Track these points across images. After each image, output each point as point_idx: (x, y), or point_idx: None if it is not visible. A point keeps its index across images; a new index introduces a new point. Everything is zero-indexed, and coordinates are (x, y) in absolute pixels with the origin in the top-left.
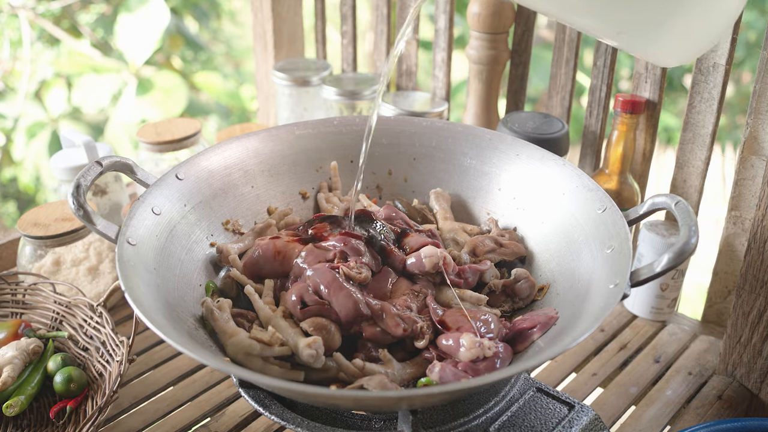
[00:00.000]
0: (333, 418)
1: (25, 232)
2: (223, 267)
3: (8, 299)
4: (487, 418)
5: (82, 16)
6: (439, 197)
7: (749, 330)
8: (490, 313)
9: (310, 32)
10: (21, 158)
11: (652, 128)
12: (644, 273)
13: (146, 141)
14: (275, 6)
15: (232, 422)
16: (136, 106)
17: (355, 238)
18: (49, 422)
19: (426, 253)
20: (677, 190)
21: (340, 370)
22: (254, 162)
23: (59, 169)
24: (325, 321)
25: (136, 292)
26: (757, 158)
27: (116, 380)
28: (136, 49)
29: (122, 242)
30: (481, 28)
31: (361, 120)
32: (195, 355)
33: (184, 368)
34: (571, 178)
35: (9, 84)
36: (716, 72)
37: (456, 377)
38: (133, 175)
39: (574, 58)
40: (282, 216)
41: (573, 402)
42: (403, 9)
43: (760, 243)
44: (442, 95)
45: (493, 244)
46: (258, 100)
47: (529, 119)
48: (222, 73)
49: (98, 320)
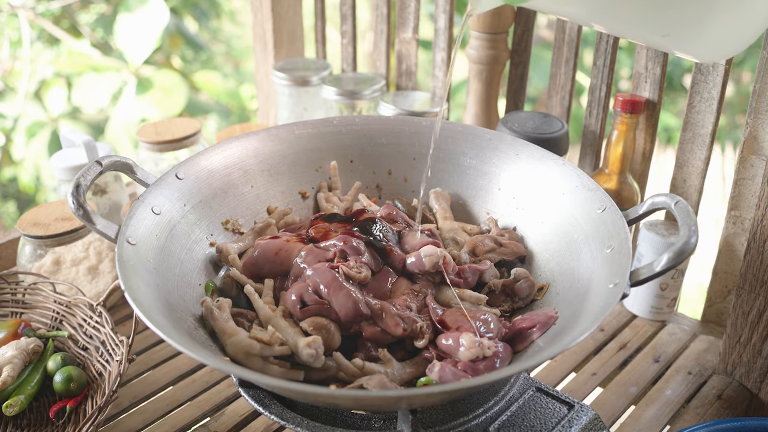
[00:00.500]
0: (333, 417)
1: (25, 232)
2: (222, 266)
3: (8, 299)
4: (486, 418)
5: (81, 15)
6: (438, 197)
7: (749, 330)
8: (489, 313)
9: (309, 32)
10: (21, 158)
11: (652, 128)
12: (644, 273)
13: (146, 140)
14: (275, 6)
15: (232, 422)
16: (136, 106)
17: (355, 238)
18: (48, 422)
19: (426, 252)
20: (677, 190)
21: (340, 369)
22: (254, 162)
23: (59, 168)
24: (325, 321)
25: (135, 291)
26: (757, 158)
27: (116, 380)
28: (136, 48)
29: (122, 242)
30: (481, 28)
31: (361, 120)
32: (195, 354)
33: (184, 368)
34: (571, 177)
35: (9, 84)
36: (716, 72)
37: (455, 377)
38: (133, 174)
39: (573, 58)
40: (282, 216)
41: (572, 402)
42: (403, 8)
43: (760, 242)
44: (442, 95)
45: (492, 244)
46: (258, 99)
47: (528, 119)
48: (222, 72)
49: (98, 320)
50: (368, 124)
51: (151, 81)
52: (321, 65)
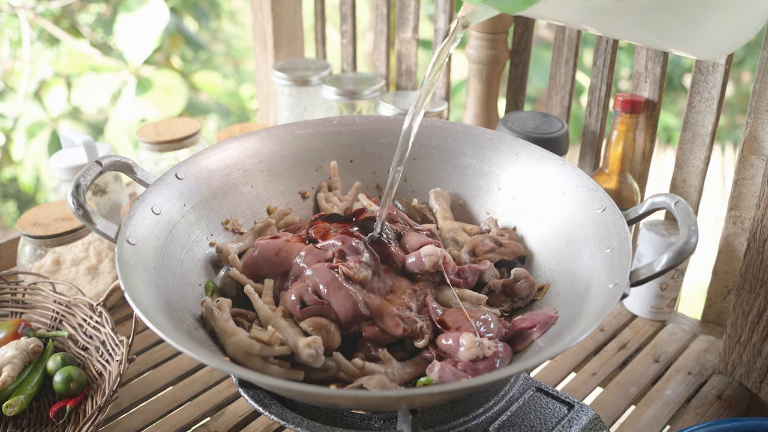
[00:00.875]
0: (333, 417)
1: (25, 232)
2: (222, 266)
3: (8, 299)
4: (486, 418)
5: (81, 15)
6: (438, 197)
7: (749, 330)
8: (489, 313)
9: (309, 32)
10: (21, 158)
11: (652, 128)
12: (644, 273)
13: (146, 140)
14: (275, 6)
15: (232, 422)
16: (136, 106)
17: (354, 238)
18: (48, 422)
19: (426, 252)
20: (677, 190)
21: (340, 369)
22: (254, 162)
23: (59, 168)
24: (325, 321)
25: (135, 291)
26: (757, 158)
27: (116, 380)
28: (136, 48)
29: (122, 242)
30: (481, 28)
31: (361, 120)
32: (195, 354)
33: (184, 368)
34: (571, 177)
35: (9, 84)
36: (716, 72)
37: (455, 377)
38: (133, 174)
39: (573, 58)
40: (282, 216)
41: (572, 402)
42: (403, 8)
43: (760, 242)
44: (442, 95)
45: (492, 244)
46: (258, 99)
47: (528, 119)
48: (222, 72)
49: (98, 320)
50: (368, 124)
51: (151, 81)
52: (321, 65)
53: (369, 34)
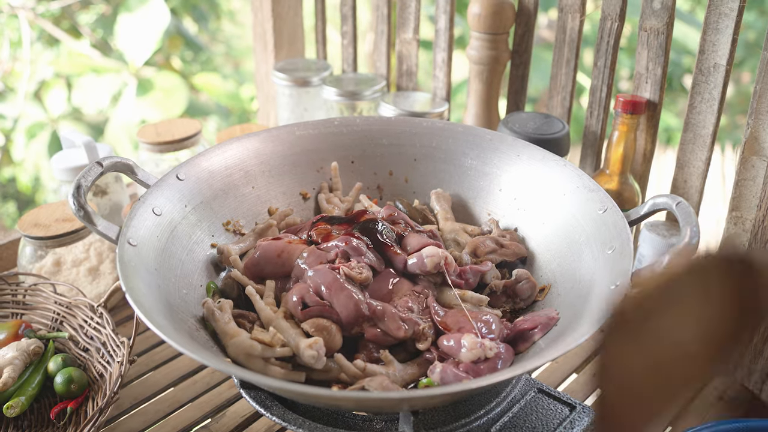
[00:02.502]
0: (334, 418)
1: (25, 233)
2: (224, 268)
3: (8, 300)
4: (488, 419)
5: (81, 16)
6: (439, 198)
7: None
8: (491, 314)
9: (310, 32)
10: (21, 159)
11: (653, 128)
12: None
13: (146, 141)
14: (275, 6)
15: (233, 423)
16: (136, 107)
17: (356, 239)
18: (49, 423)
19: (427, 253)
20: (678, 191)
21: (342, 371)
22: (255, 162)
23: (59, 169)
24: (326, 322)
25: (136, 292)
26: (758, 159)
27: (117, 381)
28: (136, 49)
29: (123, 243)
30: (482, 29)
31: (362, 120)
32: (196, 356)
33: (185, 369)
34: (572, 178)
35: (9, 84)
36: (717, 72)
37: (457, 378)
38: (134, 175)
39: (574, 59)
40: (283, 216)
41: (574, 403)
42: (403, 9)
43: (761, 243)
44: (443, 96)
45: (494, 245)
46: (258, 100)
47: (529, 120)
48: (222, 73)
49: (99, 321)
50: (369, 125)
51: (151, 82)
52: (321, 66)
53: (369, 35)
